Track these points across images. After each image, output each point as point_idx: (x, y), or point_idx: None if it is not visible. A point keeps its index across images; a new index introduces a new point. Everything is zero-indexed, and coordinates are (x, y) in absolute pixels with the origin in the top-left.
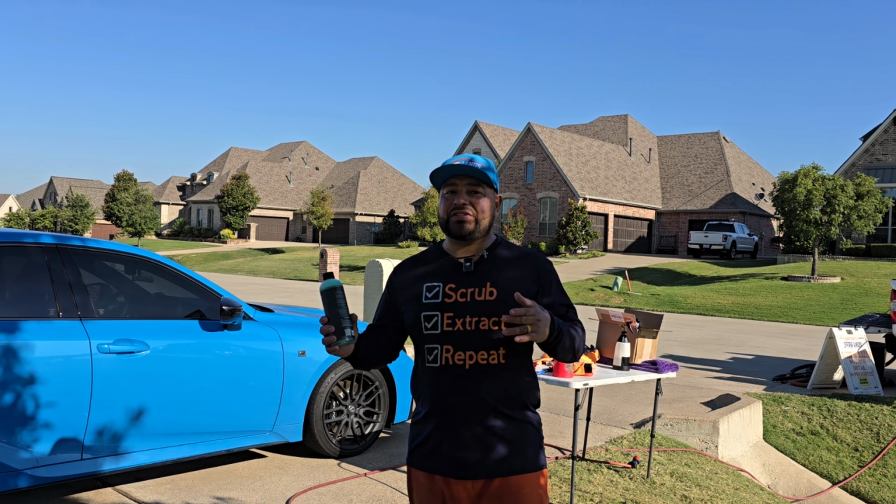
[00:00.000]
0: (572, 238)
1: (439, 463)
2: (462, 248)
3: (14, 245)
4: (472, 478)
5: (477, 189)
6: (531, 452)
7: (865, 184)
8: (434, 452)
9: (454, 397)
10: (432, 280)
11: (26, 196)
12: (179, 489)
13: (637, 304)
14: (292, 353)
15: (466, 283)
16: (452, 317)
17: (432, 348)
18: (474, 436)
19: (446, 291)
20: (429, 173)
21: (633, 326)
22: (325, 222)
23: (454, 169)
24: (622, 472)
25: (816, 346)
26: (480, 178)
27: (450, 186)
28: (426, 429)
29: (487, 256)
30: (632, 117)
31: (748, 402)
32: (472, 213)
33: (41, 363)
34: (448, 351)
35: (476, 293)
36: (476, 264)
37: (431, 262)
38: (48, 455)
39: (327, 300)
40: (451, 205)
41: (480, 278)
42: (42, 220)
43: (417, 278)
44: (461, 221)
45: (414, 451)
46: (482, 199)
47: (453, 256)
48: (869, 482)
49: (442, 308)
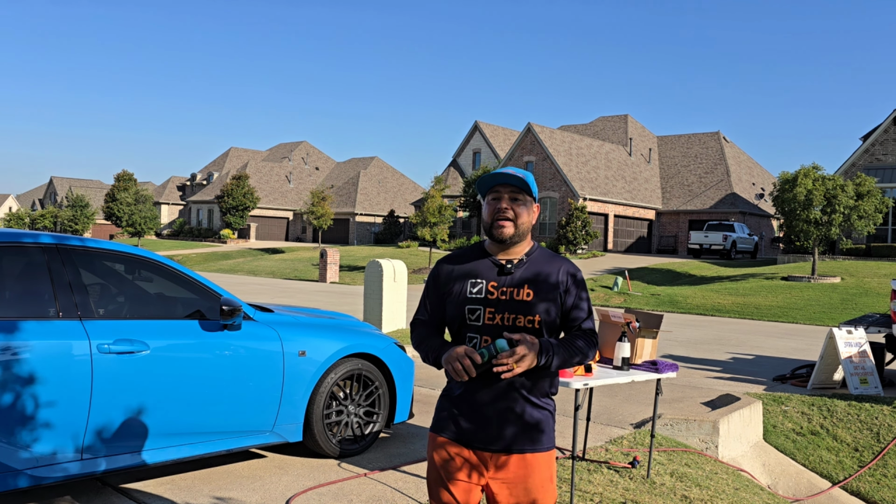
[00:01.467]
0: (572, 238)
1: (466, 434)
2: (504, 251)
3: (13, 245)
4: (495, 451)
5: (517, 196)
6: (547, 434)
7: (865, 184)
8: (463, 425)
9: (489, 381)
10: (476, 277)
11: (26, 196)
12: (179, 489)
13: (637, 304)
14: (292, 353)
15: (507, 283)
16: (493, 312)
17: (472, 337)
18: (501, 415)
19: (489, 289)
20: (478, 180)
21: (633, 326)
22: (325, 222)
23: (499, 177)
24: (622, 472)
25: (816, 346)
26: (521, 186)
27: (494, 193)
28: (460, 404)
29: (526, 261)
30: (632, 117)
31: (748, 402)
32: (513, 219)
33: (41, 363)
34: (486, 341)
35: (515, 293)
36: (516, 266)
37: (475, 259)
38: (48, 455)
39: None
40: (494, 209)
41: (520, 280)
42: (42, 220)
43: (462, 274)
44: (502, 226)
45: (442, 420)
46: (522, 206)
47: (495, 258)
48: (869, 482)
49: (485, 303)
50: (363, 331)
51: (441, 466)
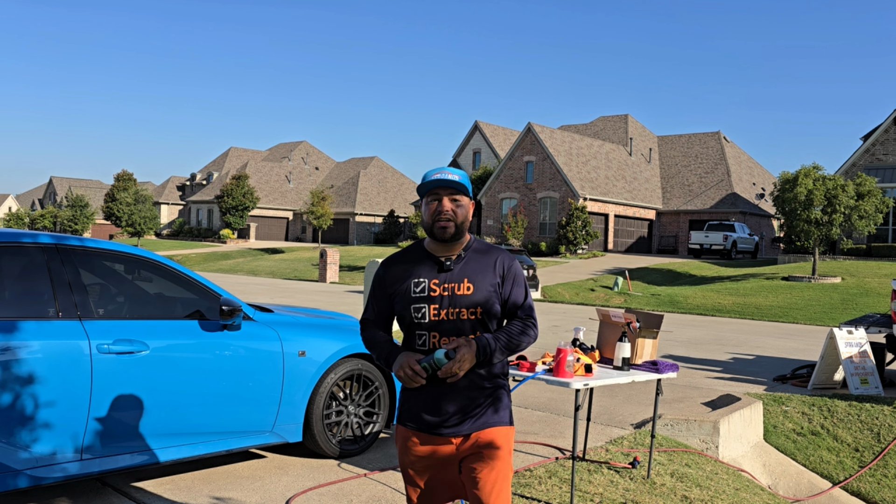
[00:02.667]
0: (572, 238)
1: (429, 423)
2: (443, 248)
3: (13, 245)
4: (454, 434)
5: (456, 198)
6: (503, 412)
7: (866, 184)
8: (424, 415)
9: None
10: (419, 276)
11: (26, 196)
12: (179, 489)
13: (637, 305)
14: (292, 354)
15: (448, 279)
16: (438, 308)
17: (421, 334)
18: (458, 403)
19: (431, 286)
20: (419, 185)
21: (634, 327)
22: (325, 222)
23: (437, 182)
24: (622, 472)
25: (817, 346)
26: (458, 188)
27: (433, 195)
28: (419, 395)
29: (464, 256)
30: (632, 117)
31: (748, 402)
32: (453, 219)
33: (41, 363)
34: (434, 337)
35: (456, 288)
36: (454, 262)
37: (416, 259)
38: (48, 455)
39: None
40: (434, 211)
41: (459, 275)
42: (42, 220)
43: (405, 273)
44: (444, 227)
45: (405, 413)
46: (460, 206)
47: (436, 255)
48: (869, 482)
49: (429, 301)
50: None
51: (410, 455)
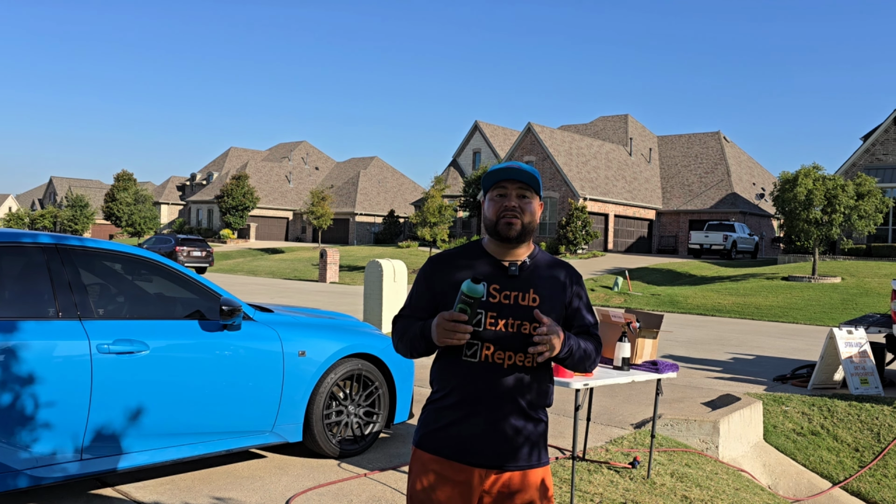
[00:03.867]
0: (572, 238)
1: (459, 449)
2: (506, 252)
3: (13, 245)
4: (489, 467)
5: (525, 193)
6: (542, 449)
7: (866, 184)
8: (456, 439)
9: (488, 392)
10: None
11: (26, 196)
12: (179, 489)
13: (637, 305)
14: (292, 354)
15: (511, 286)
16: (496, 316)
17: (472, 343)
18: (498, 429)
19: (491, 291)
20: (484, 174)
21: (634, 326)
22: (325, 222)
23: (508, 172)
24: (622, 472)
25: (817, 346)
26: (530, 182)
27: (499, 189)
28: (452, 416)
29: (530, 262)
30: (632, 117)
31: (748, 402)
32: (520, 216)
33: (40, 363)
34: (488, 349)
35: (520, 297)
36: (520, 269)
37: (473, 259)
38: (48, 455)
39: (470, 304)
40: (500, 207)
41: (525, 284)
42: (42, 220)
43: (462, 274)
44: (510, 224)
45: (431, 434)
46: (530, 203)
47: (497, 258)
48: (869, 482)
49: (486, 307)
50: (363, 331)
51: (428, 487)
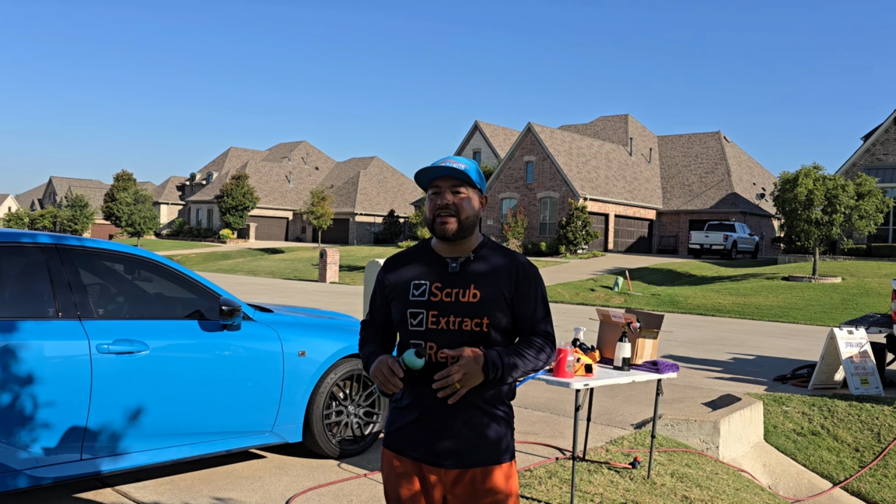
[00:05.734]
0: (572, 238)
1: (418, 450)
2: (451, 249)
3: (12, 245)
4: (448, 466)
5: (459, 190)
6: (503, 444)
7: (866, 184)
8: (413, 439)
9: (436, 391)
10: (420, 278)
11: (25, 196)
12: (179, 489)
13: (637, 305)
14: (292, 354)
15: (452, 283)
16: (437, 315)
17: (417, 343)
18: (452, 428)
19: (432, 290)
20: (416, 174)
21: (634, 327)
22: (325, 222)
23: (436, 171)
24: (623, 472)
25: (817, 346)
26: (462, 178)
27: (434, 188)
28: (407, 416)
29: (473, 258)
30: (632, 117)
31: (749, 402)
32: (456, 214)
33: (40, 363)
34: (432, 348)
35: (461, 294)
36: (462, 265)
37: (420, 259)
38: (48, 455)
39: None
40: (435, 205)
41: (465, 279)
42: (41, 220)
43: (406, 274)
44: (444, 222)
45: (392, 435)
46: (465, 199)
47: (441, 256)
48: (870, 482)
49: (427, 306)
50: None
51: (394, 484)
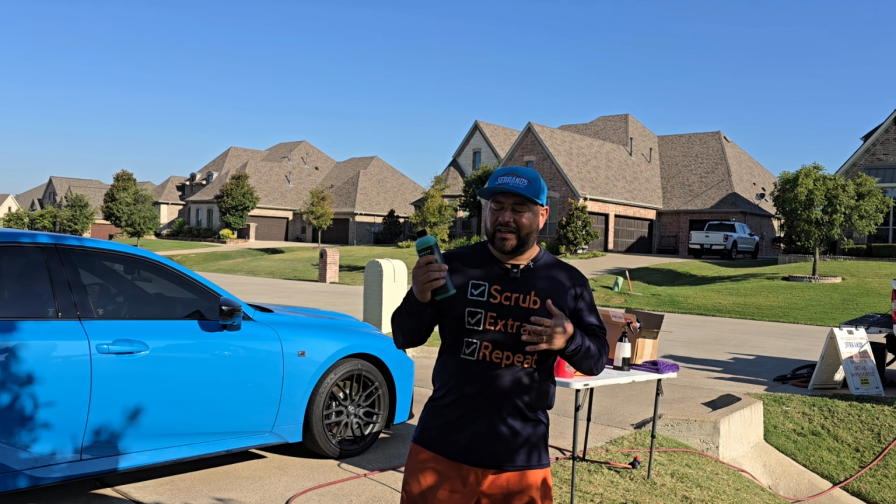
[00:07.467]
0: (573, 238)
1: (457, 448)
2: (509, 255)
3: (12, 245)
4: (487, 467)
5: (521, 207)
6: (541, 451)
7: (866, 184)
8: (454, 438)
9: (484, 391)
10: (478, 279)
11: (25, 196)
12: (179, 490)
13: (638, 305)
14: (292, 354)
15: (512, 288)
16: (496, 317)
17: (471, 342)
18: (495, 429)
19: (492, 292)
20: (478, 188)
21: (634, 327)
22: (325, 222)
23: (500, 189)
24: (623, 472)
25: (817, 346)
26: (524, 198)
27: (496, 202)
28: (448, 415)
29: (533, 266)
30: (632, 117)
31: (749, 402)
32: (515, 231)
33: (40, 363)
34: (487, 348)
35: (521, 299)
36: (522, 272)
37: (478, 261)
38: (47, 455)
39: (430, 252)
40: (496, 220)
41: (526, 286)
42: (41, 220)
43: (464, 272)
44: (504, 239)
45: (428, 431)
46: (525, 214)
47: (501, 261)
48: (870, 483)
49: (487, 307)
50: (363, 331)
51: (424, 484)
